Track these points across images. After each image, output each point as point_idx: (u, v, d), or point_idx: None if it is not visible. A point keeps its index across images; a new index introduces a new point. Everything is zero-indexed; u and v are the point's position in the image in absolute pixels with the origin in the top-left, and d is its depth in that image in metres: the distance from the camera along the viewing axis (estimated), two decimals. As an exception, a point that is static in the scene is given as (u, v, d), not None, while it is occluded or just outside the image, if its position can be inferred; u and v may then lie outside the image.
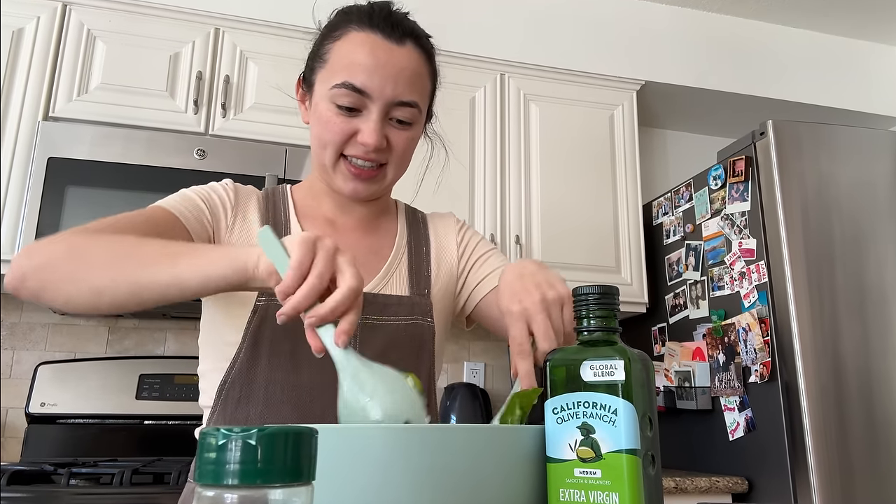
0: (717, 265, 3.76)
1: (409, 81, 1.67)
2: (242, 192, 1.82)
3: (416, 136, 1.76)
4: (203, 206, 1.70)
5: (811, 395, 3.24)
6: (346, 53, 1.67)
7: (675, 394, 3.88)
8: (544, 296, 1.29)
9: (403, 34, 1.69)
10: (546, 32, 4.53)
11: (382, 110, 1.65)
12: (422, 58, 1.73)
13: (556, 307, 1.29)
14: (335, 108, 1.65)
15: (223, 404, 1.64)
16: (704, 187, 3.91)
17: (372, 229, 1.89)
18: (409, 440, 0.94)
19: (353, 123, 1.65)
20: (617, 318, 1.06)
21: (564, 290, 1.32)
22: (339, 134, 1.66)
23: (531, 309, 1.28)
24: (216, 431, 0.56)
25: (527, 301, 1.29)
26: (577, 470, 0.97)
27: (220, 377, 1.66)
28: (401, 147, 1.71)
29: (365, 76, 1.63)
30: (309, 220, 1.83)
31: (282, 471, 0.56)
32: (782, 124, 3.56)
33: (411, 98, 1.67)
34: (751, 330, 3.46)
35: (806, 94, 4.98)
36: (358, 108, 1.65)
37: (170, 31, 3.82)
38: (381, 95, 1.64)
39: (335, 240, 1.26)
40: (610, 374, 0.97)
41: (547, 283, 1.32)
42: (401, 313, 1.75)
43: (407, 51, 1.68)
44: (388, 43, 1.66)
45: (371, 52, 1.64)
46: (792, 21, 5.03)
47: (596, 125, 4.45)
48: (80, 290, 1.38)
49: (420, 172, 2.10)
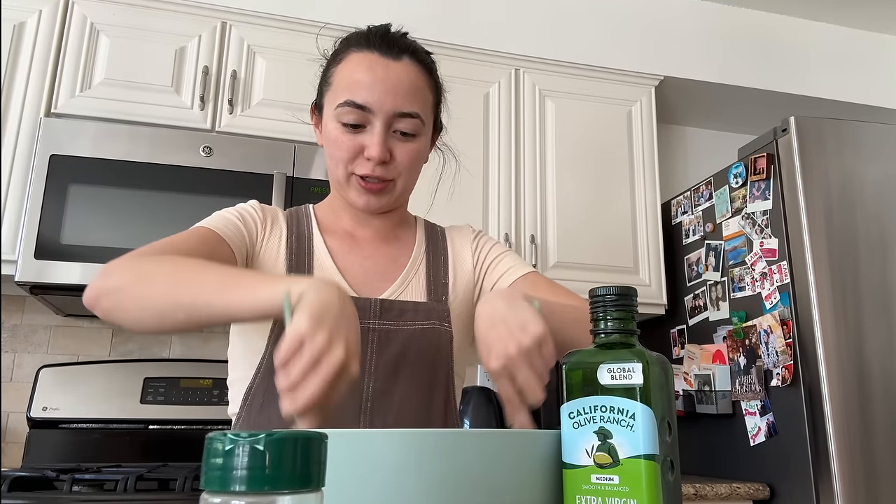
0: (737, 265, 3.76)
1: (408, 93, 1.78)
2: (269, 210, 1.95)
3: (421, 147, 1.86)
4: (240, 225, 1.82)
5: (835, 399, 3.23)
6: (347, 74, 1.80)
7: (694, 398, 3.87)
8: (520, 345, 1.29)
9: (400, 51, 1.81)
10: (562, 26, 4.53)
11: (385, 123, 1.77)
12: (420, 71, 1.84)
13: (535, 354, 1.30)
14: (341, 126, 1.78)
15: (248, 410, 1.74)
16: (725, 185, 3.90)
17: (391, 239, 1.99)
18: (421, 445, 0.93)
19: (359, 140, 1.78)
20: (635, 320, 1.06)
21: (538, 328, 1.32)
22: (346, 150, 1.79)
23: (510, 364, 1.29)
24: (223, 436, 0.56)
25: (503, 356, 1.30)
26: (594, 476, 0.97)
27: (247, 385, 1.76)
28: (406, 159, 1.82)
29: (365, 92, 1.75)
30: (330, 234, 1.94)
31: (290, 477, 0.56)
32: (805, 121, 3.55)
33: (412, 109, 1.78)
34: (772, 332, 3.46)
35: (829, 90, 4.97)
36: (362, 123, 1.77)
37: (175, 24, 3.82)
38: (382, 109, 1.75)
39: (336, 330, 1.27)
40: (628, 378, 0.97)
41: (520, 328, 1.32)
42: (418, 319, 1.82)
43: (404, 65, 1.80)
44: (385, 59, 1.79)
45: (369, 69, 1.77)
46: (815, 14, 5.02)
47: (613, 121, 4.45)
48: (146, 313, 1.49)
49: (433, 187, 2.16)
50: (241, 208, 1.88)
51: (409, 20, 1.90)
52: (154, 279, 1.49)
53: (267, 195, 3.49)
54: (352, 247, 1.92)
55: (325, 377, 1.19)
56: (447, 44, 4.10)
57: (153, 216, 3.38)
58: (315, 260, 1.86)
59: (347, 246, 1.92)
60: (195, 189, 3.47)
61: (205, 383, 3.72)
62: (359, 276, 1.87)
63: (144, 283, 1.49)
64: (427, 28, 4.03)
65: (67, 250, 3.26)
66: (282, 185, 3.53)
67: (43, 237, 3.25)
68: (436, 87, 1.91)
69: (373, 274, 1.89)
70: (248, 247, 1.81)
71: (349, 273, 1.86)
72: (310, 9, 3.97)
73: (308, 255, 1.86)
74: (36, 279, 3.22)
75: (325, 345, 1.21)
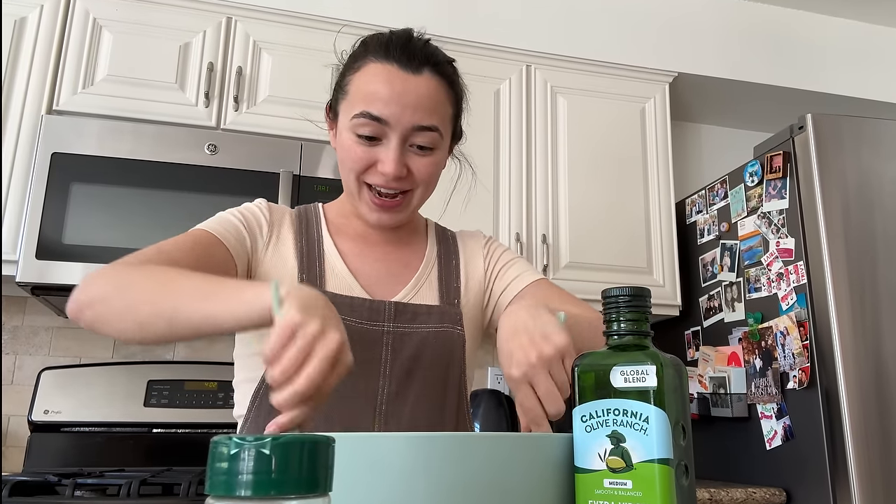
0: (753, 266, 3.75)
1: (428, 108, 1.76)
2: (277, 210, 1.95)
3: (438, 160, 1.85)
4: (241, 227, 1.82)
5: (852, 402, 3.23)
6: (363, 84, 1.77)
7: (709, 401, 3.87)
8: (541, 353, 1.28)
9: (421, 63, 1.78)
10: (574, 22, 4.52)
11: (401, 138, 1.75)
12: (441, 84, 1.81)
13: (556, 363, 1.29)
14: (356, 137, 1.77)
15: (256, 412, 1.74)
16: (740, 184, 3.89)
17: (403, 243, 2.00)
18: (431, 449, 0.93)
19: (373, 152, 1.77)
20: (649, 322, 1.06)
21: (561, 339, 1.31)
22: (359, 162, 1.78)
23: (530, 372, 1.28)
24: (228, 440, 0.56)
25: (525, 363, 1.29)
26: (607, 480, 0.97)
27: (254, 387, 1.76)
28: (423, 173, 1.81)
29: (382, 105, 1.73)
30: (341, 235, 1.95)
31: (297, 481, 0.56)
32: (822, 118, 3.55)
33: (430, 123, 1.76)
34: (789, 334, 3.45)
35: (847, 86, 4.96)
36: (378, 136, 1.76)
37: (180, 20, 3.82)
38: (399, 123, 1.74)
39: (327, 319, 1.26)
40: (641, 380, 0.97)
41: (542, 337, 1.31)
42: (431, 321, 1.83)
43: (424, 79, 1.77)
44: (404, 73, 1.76)
45: (388, 82, 1.74)
46: (832, 9, 5.01)
47: (626, 119, 4.44)
48: (128, 325, 1.48)
49: (447, 196, 2.17)
50: (245, 209, 1.88)
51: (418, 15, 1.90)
52: (134, 288, 1.49)
53: (273, 194, 3.48)
54: (363, 249, 1.92)
55: (321, 364, 1.18)
56: (456, 39, 4.08)
57: (157, 215, 3.38)
58: (326, 262, 1.86)
59: (359, 248, 1.92)
60: (200, 188, 3.47)
61: (210, 386, 3.72)
62: (371, 278, 1.88)
63: (125, 293, 1.49)
64: (436, 23, 4.02)
65: (69, 250, 3.26)
66: (288, 184, 3.52)
67: (44, 237, 3.25)
68: (456, 98, 1.89)
69: (385, 276, 1.90)
70: (251, 249, 1.81)
71: (361, 275, 1.87)
72: (317, 4, 3.96)
73: (319, 256, 1.86)
74: (37, 280, 3.22)
75: (319, 331, 1.20)
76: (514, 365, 1.30)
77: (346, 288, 1.82)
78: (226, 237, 1.73)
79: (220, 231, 1.74)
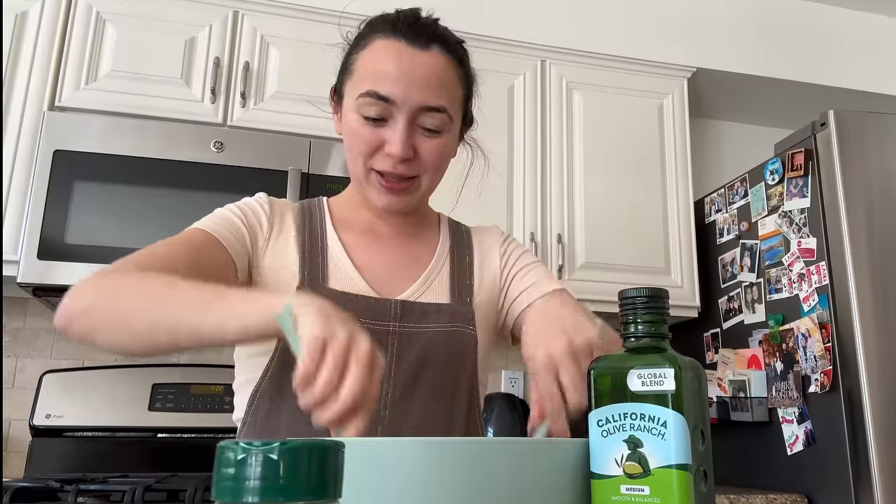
0: (774, 266, 3.74)
1: (436, 87, 1.72)
2: (278, 205, 1.90)
3: (447, 143, 1.80)
4: (241, 224, 1.78)
5: (876, 406, 3.22)
6: (370, 62, 1.75)
7: (729, 405, 3.86)
8: (571, 341, 1.28)
9: (429, 40, 1.75)
10: (590, 16, 4.52)
11: (408, 118, 1.70)
12: (450, 62, 1.78)
13: (585, 355, 1.28)
14: (362, 118, 1.72)
15: (253, 415, 1.70)
16: (761, 182, 3.89)
17: (412, 237, 1.96)
18: (443, 455, 0.93)
19: (380, 133, 1.72)
20: (667, 324, 1.05)
21: (593, 334, 1.31)
22: (366, 144, 1.73)
23: (558, 356, 1.27)
24: (235, 445, 0.56)
25: (553, 347, 1.29)
26: (624, 486, 0.96)
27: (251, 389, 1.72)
28: (431, 156, 1.76)
29: (389, 83, 1.69)
30: (347, 229, 1.90)
31: (305, 487, 0.55)
32: (845, 114, 3.54)
33: (438, 103, 1.72)
34: (811, 336, 3.44)
35: (870, 82, 4.95)
36: (384, 117, 1.71)
37: (185, 14, 3.83)
38: (406, 102, 1.69)
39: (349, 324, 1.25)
40: (659, 384, 0.97)
41: (574, 328, 1.31)
42: (441, 321, 1.78)
43: (433, 56, 1.74)
44: (412, 49, 1.72)
45: (395, 59, 1.71)
46: (855, 4, 5.00)
47: (644, 115, 4.44)
48: (123, 336, 1.47)
49: (459, 185, 2.13)
50: (244, 204, 1.84)
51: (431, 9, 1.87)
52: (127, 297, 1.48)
53: (281, 193, 3.47)
54: (370, 242, 1.89)
55: (361, 370, 1.17)
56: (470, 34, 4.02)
57: (162, 214, 3.38)
58: (329, 256, 1.82)
59: (366, 241, 1.88)
60: (206, 186, 3.47)
61: (216, 389, 3.72)
62: (378, 273, 1.83)
63: (116, 302, 1.48)
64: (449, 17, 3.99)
65: (72, 250, 3.26)
66: (297, 182, 3.52)
67: (46, 236, 3.25)
68: (466, 80, 1.86)
69: (393, 272, 1.86)
70: (251, 246, 1.78)
71: (367, 270, 1.82)
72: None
73: (322, 251, 1.82)
74: (39, 280, 3.23)
75: (348, 340, 1.19)
76: (542, 348, 1.30)
77: (350, 284, 1.78)
78: (224, 236, 1.71)
79: (217, 230, 1.71)
